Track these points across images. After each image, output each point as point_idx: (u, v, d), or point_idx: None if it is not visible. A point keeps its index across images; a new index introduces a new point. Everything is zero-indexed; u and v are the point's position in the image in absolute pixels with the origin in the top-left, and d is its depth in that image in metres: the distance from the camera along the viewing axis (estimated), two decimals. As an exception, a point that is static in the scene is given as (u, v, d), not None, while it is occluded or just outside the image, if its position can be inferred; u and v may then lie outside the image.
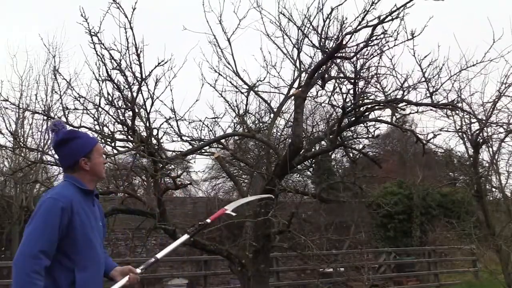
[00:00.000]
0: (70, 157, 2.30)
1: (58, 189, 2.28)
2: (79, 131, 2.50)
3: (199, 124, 7.03)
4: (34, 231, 2.09)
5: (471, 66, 5.69)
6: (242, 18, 6.82)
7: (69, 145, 2.30)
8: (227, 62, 7.16)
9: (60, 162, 2.39)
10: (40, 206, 2.16)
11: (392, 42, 5.77)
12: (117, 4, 5.42)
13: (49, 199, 2.16)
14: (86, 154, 2.31)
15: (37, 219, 2.12)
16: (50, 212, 2.12)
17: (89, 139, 2.41)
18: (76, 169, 2.31)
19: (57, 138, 2.31)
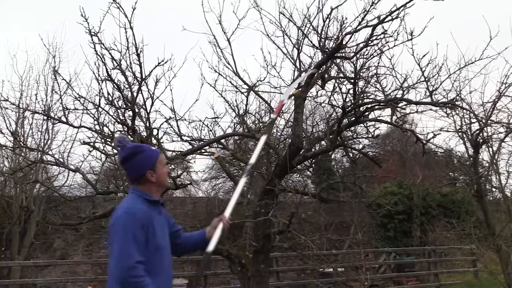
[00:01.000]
0: (137, 171, 2.39)
1: (130, 203, 2.34)
2: (143, 145, 2.56)
3: (199, 124, 7.04)
4: (123, 246, 2.17)
5: (469, 64, 5.68)
6: (242, 18, 6.82)
7: (135, 159, 2.39)
8: (227, 62, 7.16)
9: (128, 174, 2.46)
10: (118, 223, 2.24)
11: (392, 42, 5.78)
12: (117, 4, 5.43)
13: (125, 214, 2.24)
14: (151, 166, 2.40)
15: (120, 235, 2.20)
16: (130, 225, 2.20)
17: (153, 151, 2.48)
18: (142, 181, 2.40)
19: (123, 153, 2.40)
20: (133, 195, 2.39)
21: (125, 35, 5.56)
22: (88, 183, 7.35)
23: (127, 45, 5.61)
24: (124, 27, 5.51)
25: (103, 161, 6.39)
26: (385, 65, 6.17)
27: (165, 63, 5.69)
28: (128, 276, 2.14)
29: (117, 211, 2.33)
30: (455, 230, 9.20)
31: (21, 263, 10.95)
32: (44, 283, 11.20)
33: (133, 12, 5.48)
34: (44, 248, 12.84)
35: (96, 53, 5.64)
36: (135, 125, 5.87)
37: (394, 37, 5.67)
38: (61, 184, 11.40)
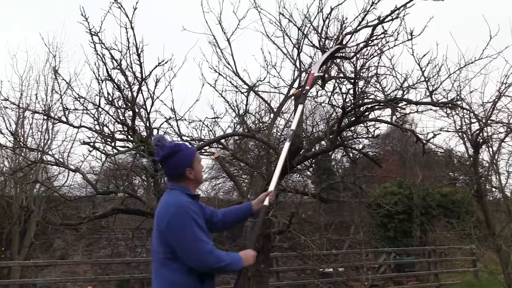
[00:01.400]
0: (177, 169, 2.47)
1: (177, 198, 2.40)
2: (180, 143, 2.63)
3: (199, 124, 7.04)
4: (193, 236, 2.27)
5: (469, 64, 5.68)
6: (242, 18, 6.83)
7: (175, 157, 2.46)
8: (227, 62, 7.17)
9: (167, 173, 2.54)
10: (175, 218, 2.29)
11: (392, 42, 5.78)
12: (118, 4, 5.43)
13: (180, 208, 2.32)
14: (190, 164, 2.49)
15: (183, 228, 2.28)
16: (188, 217, 2.30)
17: (190, 150, 2.56)
18: (181, 178, 2.48)
19: (163, 152, 2.47)
20: (175, 191, 2.45)
21: (126, 35, 5.57)
22: (88, 183, 7.34)
23: (127, 45, 5.62)
24: (125, 27, 5.52)
25: (103, 161, 6.38)
26: (385, 65, 6.18)
27: (165, 63, 5.69)
28: (214, 262, 2.27)
29: (165, 208, 2.37)
30: (455, 230, 9.19)
31: (21, 263, 10.94)
32: (44, 283, 11.20)
33: (134, 12, 5.48)
34: (44, 248, 12.83)
35: (97, 53, 5.65)
36: (135, 125, 5.88)
37: (394, 37, 5.68)
38: (61, 184, 11.39)
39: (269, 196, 2.85)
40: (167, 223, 2.29)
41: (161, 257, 2.32)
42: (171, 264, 2.29)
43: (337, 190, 11.02)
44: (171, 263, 2.29)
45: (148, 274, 12.40)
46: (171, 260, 2.29)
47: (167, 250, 2.30)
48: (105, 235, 13.24)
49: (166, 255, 2.31)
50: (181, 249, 2.26)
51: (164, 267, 2.31)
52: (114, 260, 12.18)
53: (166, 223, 2.30)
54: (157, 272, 2.35)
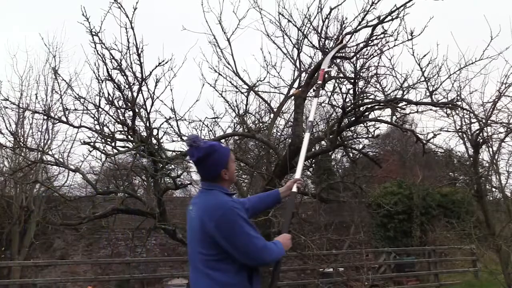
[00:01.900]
0: (213, 170, 2.43)
1: (219, 198, 2.36)
2: (215, 143, 2.56)
3: (199, 124, 7.05)
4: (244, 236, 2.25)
5: (470, 64, 5.68)
6: (242, 18, 6.83)
7: (211, 158, 2.41)
8: (227, 62, 7.18)
9: (202, 173, 2.48)
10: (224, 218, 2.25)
11: (392, 42, 5.78)
12: (118, 4, 5.42)
13: (228, 209, 2.27)
14: (225, 165, 2.46)
15: (237, 231, 2.25)
16: (237, 215, 2.28)
17: (225, 150, 2.52)
18: (217, 179, 2.44)
19: (199, 154, 2.40)
20: (212, 191, 2.41)
21: (126, 35, 5.56)
22: (88, 183, 7.34)
23: (127, 45, 5.61)
24: (125, 27, 5.52)
25: (103, 161, 6.38)
26: (385, 65, 6.18)
27: (165, 63, 5.69)
28: (267, 258, 2.30)
29: (209, 210, 2.31)
30: (455, 230, 9.19)
31: (21, 263, 10.95)
32: (44, 283, 11.20)
33: (134, 12, 5.48)
34: (44, 248, 12.84)
35: (97, 53, 5.64)
36: (135, 125, 5.87)
37: (394, 37, 5.68)
38: (61, 184, 11.40)
39: (297, 183, 2.93)
40: (215, 225, 2.24)
41: (209, 259, 2.27)
42: (220, 265, 2.26)
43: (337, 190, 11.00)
44: (220, 264, 2.26)
45: (148, 274, 12.42)
46: (220, 262, 2.26)
47: (215, 252, 2.26)
48: (105, 235, 13.25)
49: (214, 257, 2.27)
50: (235, 249, 2.24)
51: (213, 269, 2.26)
52: (114, 260, 12.19)
53: (214, 225, 2.24)
54: (204, 274, 2.28)
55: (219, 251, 2.25)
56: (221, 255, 2.26)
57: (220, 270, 2.25)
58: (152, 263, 13.27)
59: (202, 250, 2.29)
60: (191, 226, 2.39)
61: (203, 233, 2.28)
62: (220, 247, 2.25)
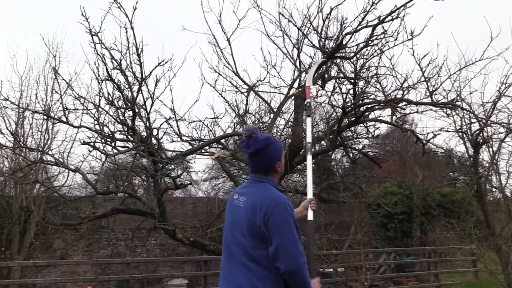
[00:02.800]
0: (270, 162, 2.39)
1: (275, 192, 2.31)
2: (271, 136, 2.50)
3: (199, 124, 7.05)
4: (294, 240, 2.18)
5: (470, 64, 5.69)
6: (242, 18, 6.83)
7: (268, 150, 2.37)
8: (227, 62, 7.17)
9: (258, 165, 2.41)
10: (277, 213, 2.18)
11: (392, 42, 5.78)
12: (118, 4, 5.42)
13: (283, 204, 2.21)
14: (280, 157, 2.43)
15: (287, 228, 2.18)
16: (290, 215, 2.22)
17: (279, 143, 2.47)
18: (270, 172, 2.40)
19: (258, 145, 2.35)
20: (267, 184, 2.36)
21: (126, 35, 5.56)
22: (88, 183, 7.35)
23: (127, 45, 5.61)
24: (125, 27, 5.52)
25: (103, 161, 6.38)
26: (385, 65, 6.20)
27: (165, 63, 5.69)
28: (302, 271, 2.17)
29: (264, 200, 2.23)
30: (455, 230, 9.18)
31: (21, 263, 10.94)
32: (44, 283, 11.20)
33: (133, 12, 5.48)
34: (44, 248, 12.83)
35: (97, 53, 5.65)
36: (135, 125, 5.87)
37: (394, 37, 5.69)
38: (61, 184, 11.40)
39: (311, 205, 2.81)
40: (266, 216, 2.17)
41: (252, 251, 2.20)
42: (261, 259, 2.18)
43: (337, 190, 11.02)
44: (262, 259, 2.19)
45: (148, 274, 12.42)
46: (263, 256, 2.19)
47: (259, 245, 2.19)
48: (105, 235, 13.24)
49: (257, 250, 2.19)
50: (278, 248, 2.15)
51: (253, 261, 2.19)
52: (114, 260, 12.18)
53: (265, 215, 2.17)
54: (242, 265, 2.21)
55: (262, 245, 2.18)
56: (264, 250, 2.18)
57: (261, 264, 2.18)
58: (152, 263, 13.27)
59: (246, 241, 2.22)
60: (237, 215, 2.31)
61: (251, 224, 2.21)
62: (264, 241, 2.18)
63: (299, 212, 2.80)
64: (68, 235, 13.03)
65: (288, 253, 2.14)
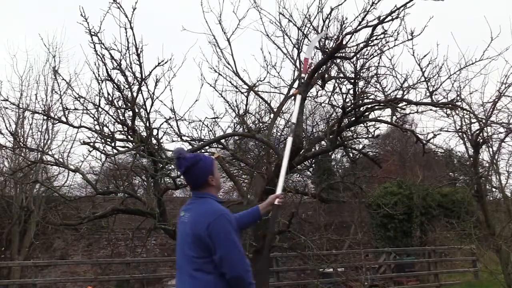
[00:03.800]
0: (201, 177, 2.60)
1: (215, 205, 2.51)
2: (199, 154, 2.86)
3: (199, 124, 7.05)
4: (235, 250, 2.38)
5: (470, 64, 5.68)
6: (242, 18, 6.82)
7: (197, 166, 2.58)
8: (227, 62, 7.17)
9: (192, 182, 2.64)
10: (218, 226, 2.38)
11: (392, 42, 5.78)
12: (117, 4, 5.42)
13: (223, 216, 2.42)
14: (211, 172, 2.62)
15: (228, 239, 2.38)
16: (232, 228, 2.42)
17: (209, 159, 2.70)
18: (205, 186, 2.61)
19: (187, 163, 2.57)
20: (206, 199, 2.57)
21: (125, 35, 5.56)
22: (88, 183, 7.34)
23: (127, 45, 5.61)
24: (124, 27, 5.51)
25: (103, 161, 6.38)
26: (385, 65, 6.19)
27: (165, 63, 5.68)
28: (246, 276, 2.39)
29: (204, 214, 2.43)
30: (455, 230, 9.18)
31: (21, 263, 10.94)
32: (44, 283, 11.19)
33: (133, 12, 5.48)
34: (44, 248, 12.83)
35: (96, 53, 5.64)
36: (135, 125, 5.87)
37: (394, 37, 5.68)
38: (61, 184, 11.41)
39: (278, 199, 2.99)
40: (207, 229, 2.37)
41: (196, 261, 2.40)
42: (204, 267, 2.38)
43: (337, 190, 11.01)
44: (205, 266, 2.38)
45: (148, 274, 12.42)
46: (206, 264, 2.39)
47: (202, 254, 2.39)
48: (105, 235, 13.24)
49: (201, 259, 2.39)
50: (221, 255, 2.35)
51: (197, 270, 2.39)
52: (114, 260, 12.18)
53: (207, 227, 2.37)
54: (188, 275, 2.41)
55: (206, 254, 2.38)
56: (208, 258, 2.38)
57: (204, 271, 2.38)
58: (152, 263, 13.26)
59: (190, 252, 2.42)
60: (183, 231, 2.51)
61: (195, 236, 2.40)
62: (207, 250, 2.38)
63: (263, 208, 2.98)
64: (68, 235, 13.03)
65: (231, 261, 2.36)
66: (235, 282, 2.37)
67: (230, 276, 2.35)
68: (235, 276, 2.36)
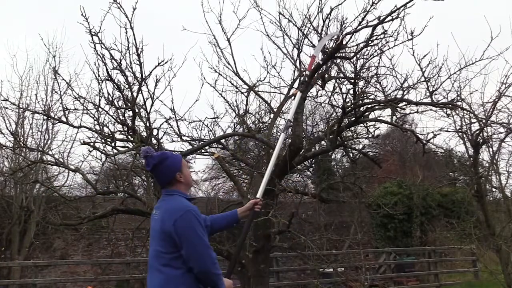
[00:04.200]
0: (169, 174, 2.65)
1: (182, 202, 2.57)
2: (167, 152, 2.89)
3: (199, 124, 7.05)
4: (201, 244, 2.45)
5: (470, 64, 5.68)
6: (242, 18, 6.83)
7: (165, 164, 2.65)
8: (227, 62, 7.17)
9: (160, 179, 2.70)
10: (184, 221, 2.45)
11: (392, 42, 5.77)
12: (117, 4, 5.42)
13: (189, 212, 2.48)
14: (179, 168, 2.68)
15: (193, 234, 2.44)
16: (197, 222, 2.48)
17: (177, 156, 2.78)
18: (174, 183, 2.66)
19: (154, 161, 2.64)
20: (174, 196, 2.63)
21: (126, 35, 5.56)
22: (88, 183, 7.34)
23: (127, 45, 5.61)
24: (125, 27, 5.52)
25: (103, 161, 6.38)
26: (385, 65, 6.18)
27: (165, 63, 5.69)
28: (213, 269, 2.45)
29: (171, 211, 2.49)
30: (455, 230, 9.17)
31: (21, 263, 10.94)
32: (44, 283, 11.19)
33: (133, 12, 5.48)
34: (44, 248, 12.83)
35: (96, 53, 5.64)
36: (135, 125, 5.87)
37: (394, 37, 5.67)
38: (61, 184, 11.41)
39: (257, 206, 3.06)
40: (174, 225, 2.43)
41: (164, 256, 2.47)
42: (172, 262, 2.45)
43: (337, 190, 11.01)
44: (173, 261, 2.45)
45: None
46: (174, 259, 2.45)
47: (171, 250, 2.45)
48: (105, 235, 13.25)
49: (169, 254, 2.46)
50: (188, 250, 2.42)
51: (165, 266, 2.45)
52: (114, 260, 12.18)
53: (173, 223, 2.43)
54: (157, 270, 2.48)
55: (174, 249, 2.45)
56: (175, 253, 2.45)
57: (172, 266, 2.44)
58: (152, 263, 13.26)
59: (159, 248, 2.49)
60: (154, 228, 2.58)
61: (162, 232, 2.47)
62: (175, 246, 2.44)
63: (241, 212, 3.05)
64: (68, 235, 13.03)
65: (197, 256, 2.43)
66: (203, 275, 2.44)
67: (197, 270, 2.42)
68: (202, 270, 2.43)
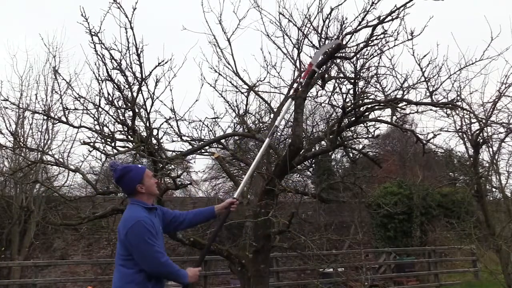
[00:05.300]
0: (130, 186, 3.00)
1: (135, 213, 2.91)
2: (130, 165, 3.21)
3: (199, 124, 7.05)
4: (148, 251, 2.81)
5: (470, 64, 5.68)
6: (242, 18, 6.82)
7: (126, 177, 2.99)
8: (227, 62, 7.16)
9: (124, 190, 3.13)
10: (132, 232, 2.81)
11: (392, 42, 5.77)
12: (117, 4, 5.42)
13: (138, 222, 2.82)
14: (140, 181, 2.99)
15: (141, 242, 2.80)
16: (144, 231, 2.81)
17: (139, 169, 3.08)
18: (135, 193, 3.00)
19: (116, 174, 3.00)
20: (133, 205, 2.97)
21: (126, 35, 5.56)
22: (88, 183, 7.34)
23: (127, 45, 5.61)
24: (125, 27, 5.52)
25: (103, 161, 6.38)
26: (385, 65, 6.18)
27: (165, 63, 5.69)
28: (161, 268, 2.84)
29: (125, 221, 2.87)
30: (455, 230, 9.18)
31: (21, 263, 10.94)
32: (44, 283, 11.19)
33: (133, 12, 5.48)
34: (44, 248, 12.83)
35: (96, 53, 5.64)
36: (135, 125, 5.87)
37: (394, 37, 5.67)
38: (61, 184, 11.41)
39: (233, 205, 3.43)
40: (125, 234, 2.81)
41: (122, 258, 2.88)
42: (126, 263, 2.86)
43: (337, 190, 11.00)
44: (127, 262, 2.86)
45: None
46: (127, 260, 2.86)
47: (126, 253, 2.86)
48: (105, 235, 13.24)
49: (124, 256, 2.87)
50: (138, 256, 2.81)
51: (122, 265, 2.88)
52: (114, 260, 12.18)
53: (125, 233, 2.81)
54: (117, 267, 2.91)
55: (127, 253, 2.85)
56: (129, 256, 2.85)
57: (126, 266, 2.86)
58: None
59: (119, 250, 2.91)
60: (118, 233, 2.95)
61: (121, 239, 2.88)
62: (128, 251, 2.84)
63: (218, 209, 3.42)
64: (68, 235, 13.03)
65: (146, 260, 2.82)
66: (156, 274, 2.86)
67: (149, 271, 2.83)
68: (153, 270, 2.83)
